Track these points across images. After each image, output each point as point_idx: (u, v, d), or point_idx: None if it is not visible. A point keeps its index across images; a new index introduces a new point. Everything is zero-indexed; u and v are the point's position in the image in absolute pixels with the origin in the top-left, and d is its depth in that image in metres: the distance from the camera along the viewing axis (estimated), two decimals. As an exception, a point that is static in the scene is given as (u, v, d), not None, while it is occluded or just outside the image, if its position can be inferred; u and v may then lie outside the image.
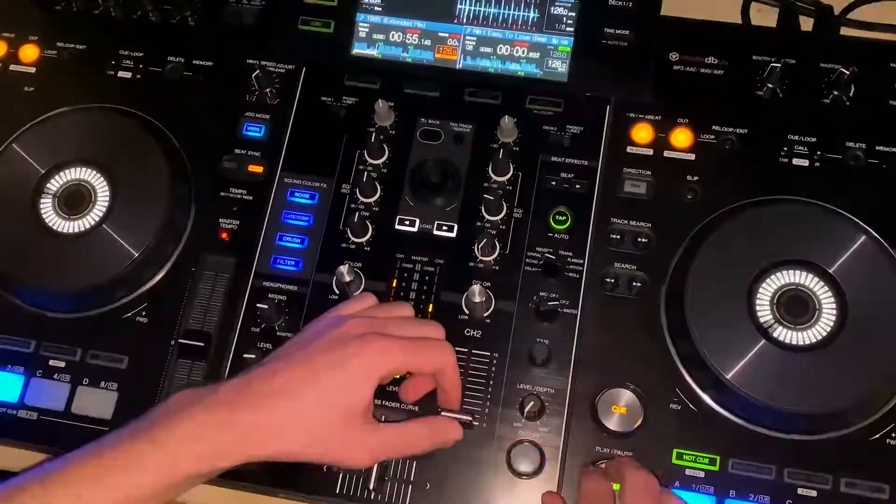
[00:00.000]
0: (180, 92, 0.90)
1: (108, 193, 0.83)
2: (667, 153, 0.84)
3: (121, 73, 0.91)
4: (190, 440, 0.62)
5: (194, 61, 0.91)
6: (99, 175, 0.84)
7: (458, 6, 0.89)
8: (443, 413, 0.73)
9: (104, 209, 0.83)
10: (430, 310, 0.80)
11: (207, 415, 0.63)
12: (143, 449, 0.62)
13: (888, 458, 0.73)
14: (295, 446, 0.65)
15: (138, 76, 0.91)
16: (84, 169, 0.84)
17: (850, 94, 0.84)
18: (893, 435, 0.73)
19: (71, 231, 0.82)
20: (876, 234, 0.77)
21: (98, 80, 0.91)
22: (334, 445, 0.66)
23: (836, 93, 0.84)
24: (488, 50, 0.89)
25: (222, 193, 0.86)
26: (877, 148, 0.82)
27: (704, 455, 0.74)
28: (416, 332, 0.71)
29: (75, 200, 0.83)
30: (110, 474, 0.61)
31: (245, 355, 0.79)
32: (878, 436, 0.73)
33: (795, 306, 0.75)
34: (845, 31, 0.93)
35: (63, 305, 0.83)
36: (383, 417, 0.76)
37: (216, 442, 0.63)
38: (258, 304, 0.79)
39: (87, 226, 0.82)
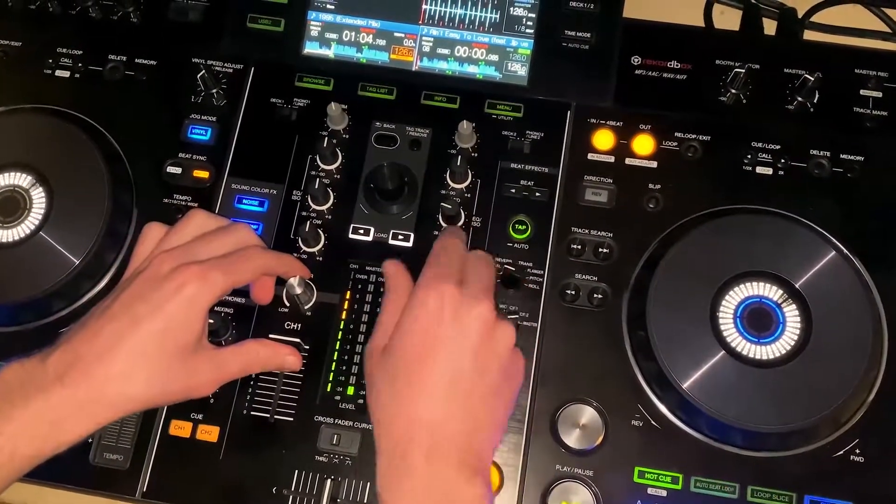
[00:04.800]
0: (122, 92, 0.86)
1: (44, 200, 0.79)
2: (628, 160, 0.82)
3: (58, 73, 0.87)
4: (29, 425, 0.60)
5: (137, 60, 0.87)
6: (34, 180, 0.80)
7: (419, 6, 0.86)
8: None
9: (40, 216, 0.78)
10: (384, 323, 0.77)
11: (42, 396, 0.61)
12: None
13: (852, 475, 0.72)
14: (139, 402, 0.64)
15: (77, 75, 0.87)
16: (18, 174, 0.80)
17: (815, 101, 0.83)
18: (857, 451, 0.72)
19: (5, 239, 0.78)
20: (844, 249, 0.76)
21: (34, 79, 0.87)
22: (177, 386, 0.66)
23: (800, 99, 0.82)
24: (446, 51, 0.86)
25: (166, 200, 0.82)
26: (841, 156, 0.81)
27: (667, 473, 0.72)
28: (224, 245, 0.70)
29: (9, 207, 0.79)
30: None
31: (190, 372, 0.75)
32: (841, 452, 0.72)
33: (759, 320, 0.74)
34: (808, 34, 0.92)
35: (-2, 318, 0.79)
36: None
37: (57, 422, 0.61)
38: (204, 318, 0.76)
39: (23, 234, 0.78)
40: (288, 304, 0.78)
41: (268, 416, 0.75)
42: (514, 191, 0.81)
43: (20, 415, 0.60)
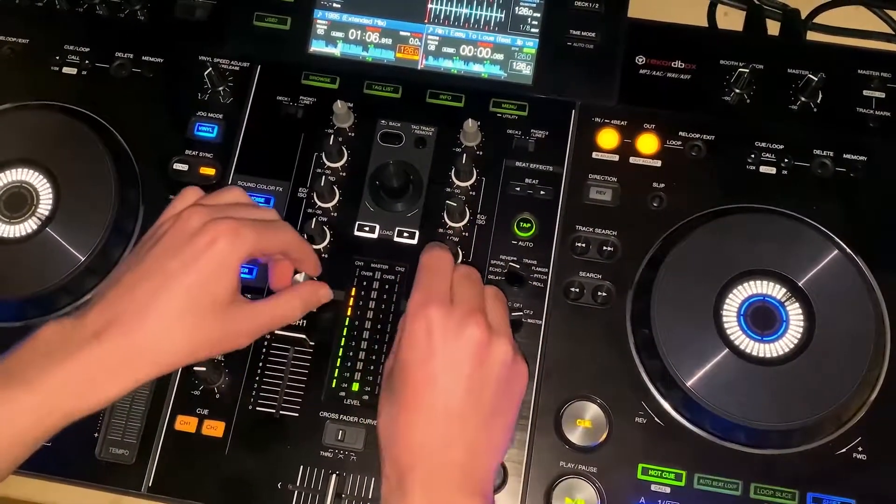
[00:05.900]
0: (128, 90, 0.86)
1: (51, 196, 0.79)
2: (633, 159, 0.82)
3: (66, 69, 0.87)
4: (67, 381, 0.60)
5: (143, 57, 0.87)
6: (41, 177, 0.80)
7: (425, 5, 0.86)
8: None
9: (47, 212, 0.79)
10: (390, 319, 0.77)
11: (82, 353, 0.61)
12: (17, 395, 0.59)
13: (855, 472, 0.72)
14: (178, 357, 0.64)
15: (84, 72, 0.87)
16: (26, 170, 0.80)
17: (818, 101, 0.83)
18: (860, 449, 0.73)
19: (12, 235, 0.78)
20: (847, 248, 0.76)
21: (41, 76, 0.87)
22: (213, 341, 0.65)
23: (803, 99, 0.83)
24: (451, 50, 0.86)
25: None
26: (844, 156, 0.81)
27: (670, 470, 0.73)
28: (257, 215, 0.70)
29: (16, 203, 0.79)
30: None
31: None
32: (844, 450, 0.73)
33: (762, 318, 0.74)
34: (812, 35, 0.93)
35: (4, 313, 0.79)
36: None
37: (95, 379, 0.61)
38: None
39: (30, 230, 0.78)
40: (293, 301, 0.78)
41: (273, 411, 0.75)
42: (518, 189, 0.82)
43: (60, 370, 0.60)
